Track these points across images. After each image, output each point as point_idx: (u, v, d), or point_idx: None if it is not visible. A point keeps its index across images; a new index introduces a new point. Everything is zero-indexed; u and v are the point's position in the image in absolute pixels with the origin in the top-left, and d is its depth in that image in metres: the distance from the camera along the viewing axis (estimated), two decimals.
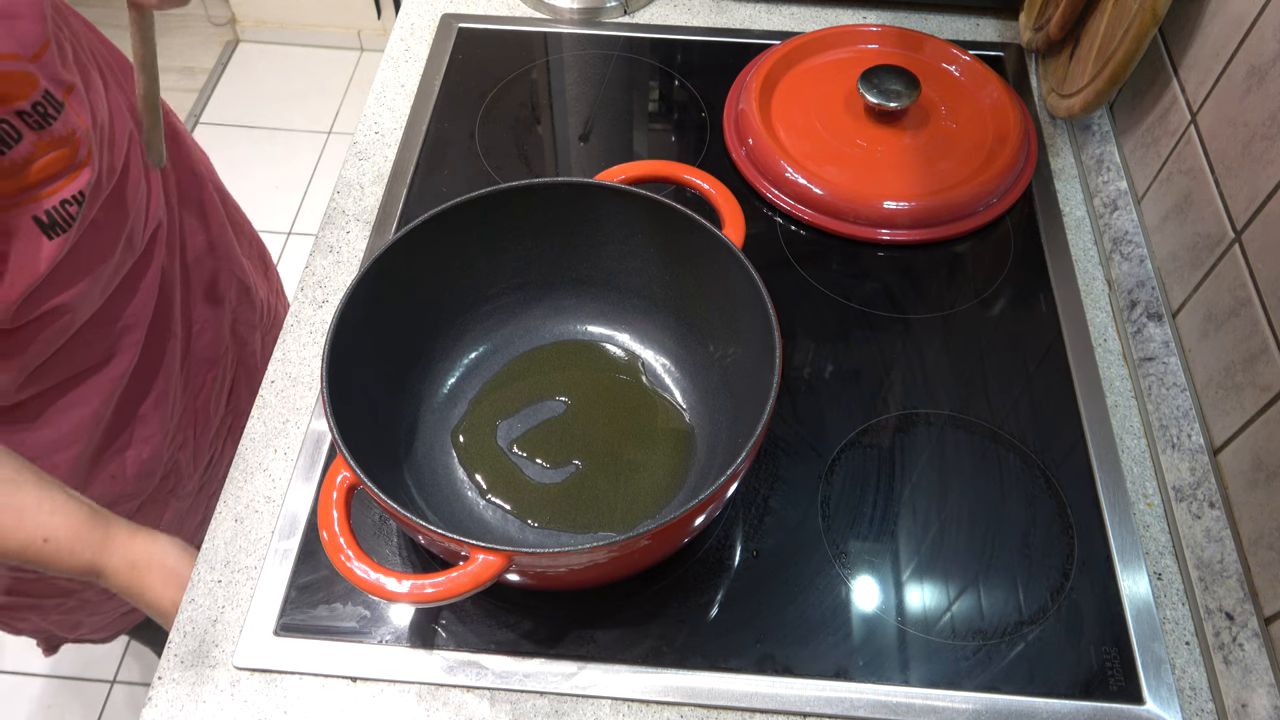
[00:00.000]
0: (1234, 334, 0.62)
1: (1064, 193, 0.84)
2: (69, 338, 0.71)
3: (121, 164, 0.73)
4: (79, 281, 0.69)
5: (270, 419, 0.69)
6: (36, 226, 0.63)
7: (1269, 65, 0.61)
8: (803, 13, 0.98)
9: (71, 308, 0.69)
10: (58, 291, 0.67)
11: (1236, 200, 0.63)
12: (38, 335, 0.68)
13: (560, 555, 0.49)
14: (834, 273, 0.78)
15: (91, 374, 0.75)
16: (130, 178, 0.74)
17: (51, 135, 0.62)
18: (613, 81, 0.92)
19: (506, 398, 0.68)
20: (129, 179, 0.74)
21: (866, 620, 0.60)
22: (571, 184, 0.64)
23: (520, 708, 0.57)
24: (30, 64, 0.59)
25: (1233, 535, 0.60)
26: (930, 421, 0.69)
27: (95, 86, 0.70)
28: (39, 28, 0.60)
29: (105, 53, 0.75)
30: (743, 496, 0.65)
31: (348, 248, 0.79)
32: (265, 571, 0.61)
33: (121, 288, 0.75)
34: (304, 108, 2.24)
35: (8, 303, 0.63)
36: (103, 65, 0.73)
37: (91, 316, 0.72)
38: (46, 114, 0.61)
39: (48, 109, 0.61)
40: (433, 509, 0.61)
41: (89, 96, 0.67)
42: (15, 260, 0.62)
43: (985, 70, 0.88)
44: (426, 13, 0.98)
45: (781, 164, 0.81)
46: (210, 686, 0.58)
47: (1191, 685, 0.59)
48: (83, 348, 0.73)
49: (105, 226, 0.71)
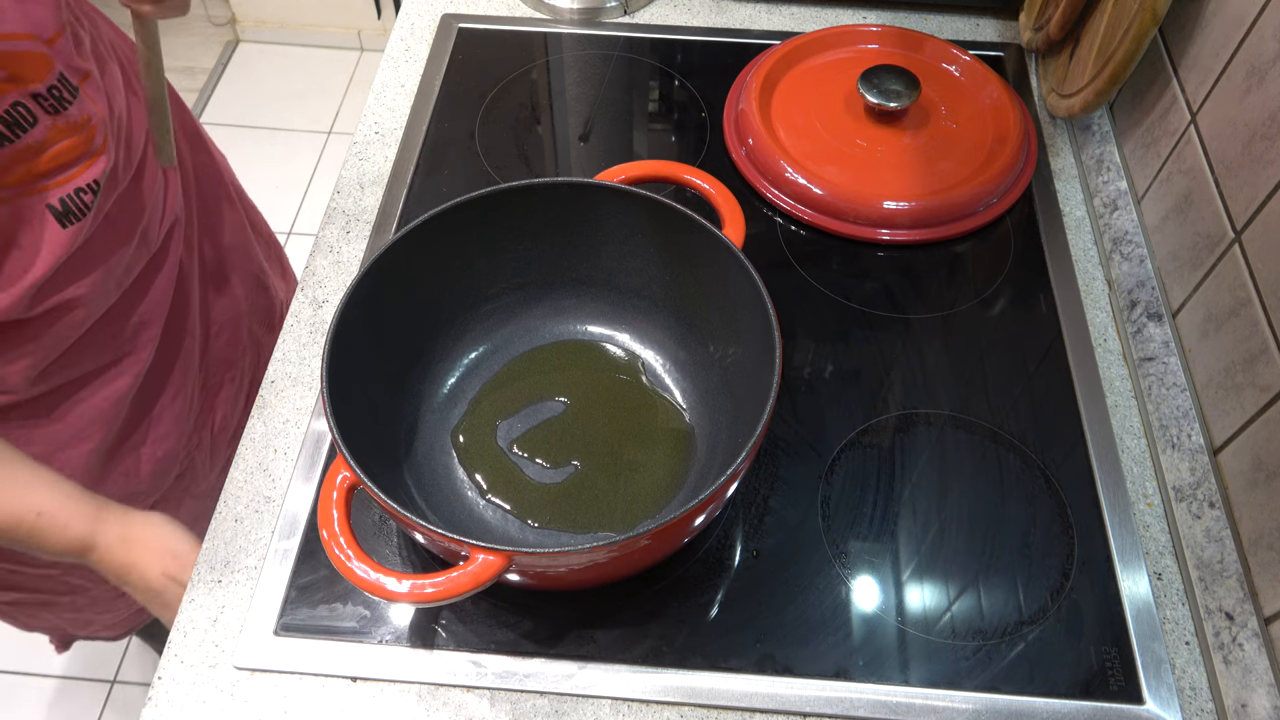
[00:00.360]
0: (1234, 334, 0.62)
1: (1064, 193, 0.84)
2: (83, 333, 0.71)
3: (139, 158, 0.73)
4: (92, 274, 0.69)
5: (270, 419, 0.69)
6: (50, 214, 0.63)
7: (1269, 65, 0.61)
8: (803, 13, 0.98)
9: (84, 300, 0.69)
10: (70, 282, 0.67)
11: (1236, 200, 0.63)
12: (50, 327, 0.68)
13: (560, 555, 0.49)
14: (834, 273, 0.78)
15: (107, 370, 0.75)
16: (148, 172, 0.74)
17: (66, 120, 0.62)
18: (613, 81, 0.92)
19: (506, 398, 0.68)
20: (146, 173, 0.74)
21: (866, 620, 0.60)
22: (571, 184, 0.64)
23: (520, 708, 0.57)
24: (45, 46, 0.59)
25: (1233, 535, 0.60)
26: (930, 421, 0.69)
27: (114, 78, 0.70)
28: (54, 15, 0.60)
29: (126, 48, 0.75)
30: (743, 496, 0.65)
31: (348, 248, 0.79)
32: (265, 571, 0.61)
33: (137, 283, 0.75)
34: (304, 108, 2.24)
35: (22, 291, 0.63)
36: (123, 60, 0.74)
37: (106, 312, 0.73)
38: (61, 98, 0.61)
39: (63, 93, 0.61)
40: (433, 509, 0.61)
41: (106, 86, 0.68)
42: (28, 248, 0.62)
43: (985, 70, 0.88)
44: (426, 13, 0.98)
45: (781, 164, 0.81)
46: (210, 686, 0.58)
47: (1191, 685, 0.59)
48: (97, 343, 0.73)
49: (120, 220, 0.71)
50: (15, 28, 0.58)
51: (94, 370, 0.74)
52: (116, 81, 0.70)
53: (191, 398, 0.85)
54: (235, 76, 2.32)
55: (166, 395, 0.82)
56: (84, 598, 0.89)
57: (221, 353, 0.89)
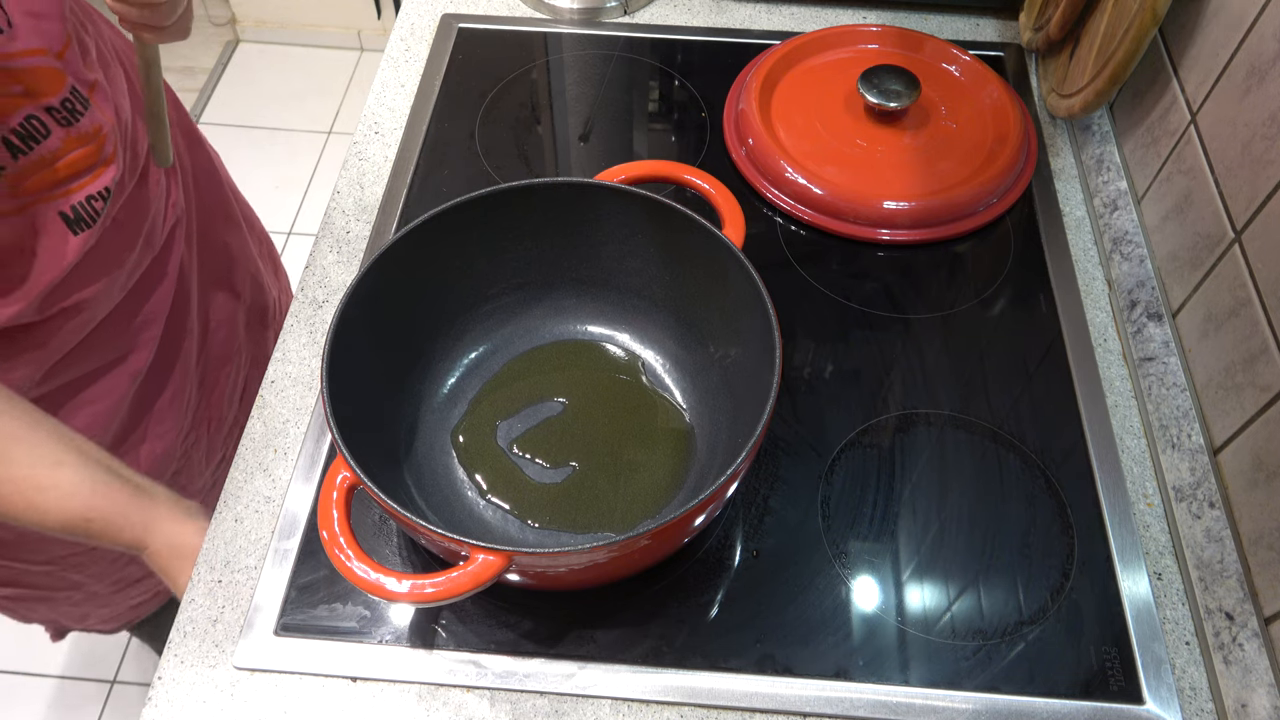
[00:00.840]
0: (1234, 334, 0.62)
1: (1064, 193, 0.84)
2: (88, 333, 0.72)
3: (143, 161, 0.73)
4: (100, 278, 0.69)
5: (270, 419, 0.69)
6: (63, 222, 0.64)
7: (1269, 65, 0.61)
8: (803, 13, 0.98)
9: (91, 303, 0.69)
10: (80, 287, 0.68)
11: (1236, 200, 0.63)
12: (58, 330, 0.68)
13: (560, 555, 0.49)
14: (834, 273, 0.78)
15: (109, 369, 0.75)
16: (151, 175, 0.75)
17: (79, 131, 0.63)
18: (613, 81, 0.92)
19: (506, 398, 0.68)
20: (149, 176, 0.74)
21: (866, 620, 0.60)
22: (571, 184, 0.64)
23: (520, 708, 0.57)
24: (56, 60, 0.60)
25: (1233, 535, 0.60)
26: (930, 421, 0.69)
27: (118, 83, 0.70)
28: (60, 26, 0.61)
29: (129, 51, 0.76)
30: (743, 496, 0.65)
31: (348, 248, 0.79)
32: (265, 571, 0.61)
33: (140, 284, 0.76)
34: (304, 108, 2.24)
35: (32, 297, 0.63)
36: (126, 63, 0.74)
37: (110, 313, 0.73)
38: (74, 110, 0.62)
39: (75, 105, 0.62)
40: (433, 509, 0.61)
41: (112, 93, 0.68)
42: (42, 255, 0.63)
43: (985, 70, 0.88)
44: (426, 13, 0.98)
45: (781, 164, 0.81)
46: (210, 686, 0.58)
47: (1191, 685, 0.59)
48: (101, 343, 0.73)
49: (126, 223, 0.72)
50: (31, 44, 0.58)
51: (97, 370, 0.74)
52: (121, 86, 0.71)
53: (190, 395, 0.85)
54: (235, 76, 2.32)
55: (166, 393, 0.82)
56: (81, 593, 0.90)
57: (218, 349, 0.89)
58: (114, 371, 0.76)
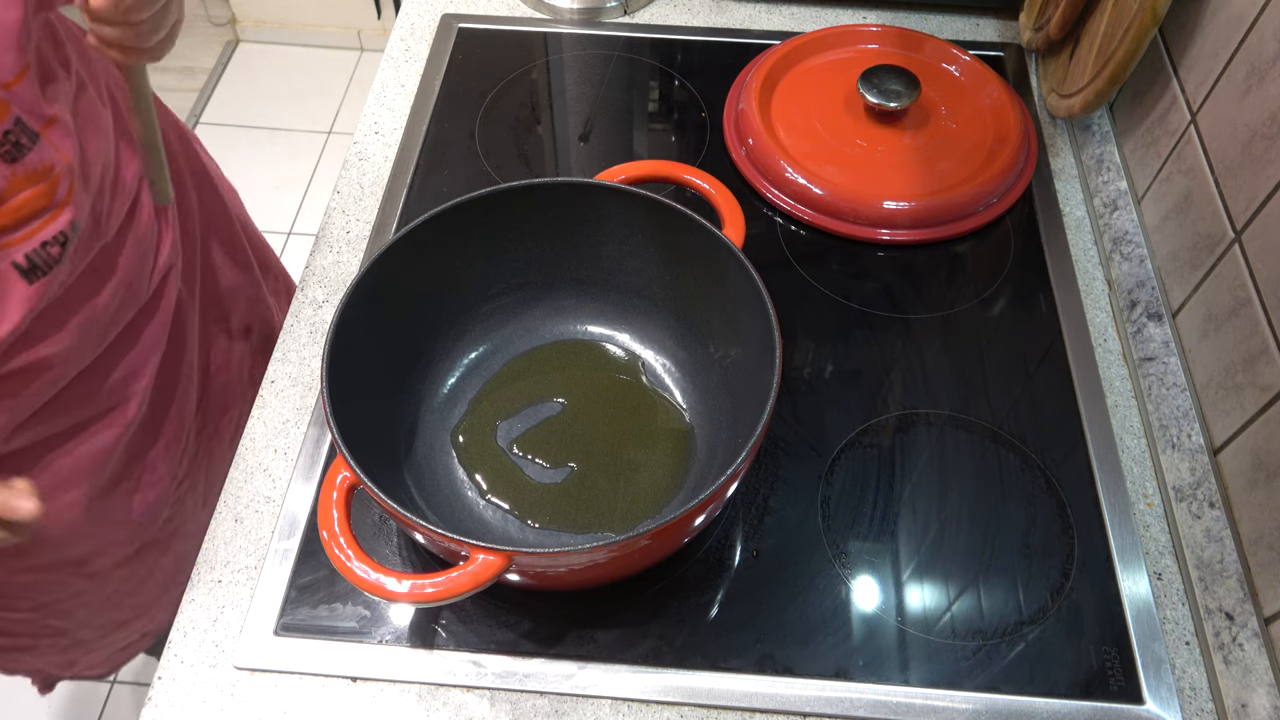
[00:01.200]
0: (1234, 334, 0.62)
1: (1064, 193, 0.84)
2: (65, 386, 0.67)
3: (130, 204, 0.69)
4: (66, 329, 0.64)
5: (270, 419, 0.69)
6: (15, 271, 0.59)
7: (1269, 65, 0.61)
8: (803, 13, 0.98)
9: (58, 359, 0.64)
10: (41, 339, 0.63)
11: (1236, 200, 0.63)
12: (24, 387, 0.64)
13: (560, 555, 0.49)
14: (834, 273, 0.78)
15: (90, 424, 0.71)
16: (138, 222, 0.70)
17: (27, 168, 0.58)
18: (613, 81, 0.92)
19: (506, 398, 0.68)
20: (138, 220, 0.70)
21: (866, 620, 0.60)
22: (571, 184, 0.64)
23: (520, 708, 0.57)
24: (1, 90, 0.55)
25: (1233, 535, 0.60)
26: (930, 421, 0.69)
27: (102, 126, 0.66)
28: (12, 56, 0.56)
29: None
30: (743, 496, 0.65)
31: (348, 247, 0.79)
32: (265, 571, 0.61)
33: (124, 335, 0.72)
34: (304, 108, 2.24)
35: None
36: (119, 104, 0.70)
37: (89, 366, 0.69)
38: (19, 143, 0.57)
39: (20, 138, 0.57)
40: (433, 509, 0.61)
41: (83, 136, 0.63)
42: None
43: (985, 70, 0.88)
44: (426, 13, 0.98)
45: (781, 164, 0.81)
46: (210, 686, 0.58)
47: (1191, 685, 0.59)
48: (76, 400, 0.69)
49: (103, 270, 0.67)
50: None
51: (75, 425, 0.70)
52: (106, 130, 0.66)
53: (186, 442, 0.82)
54: (235, 76, 2.32)
55: (160, 443, 0.78)
56: (66, 639, 0.86)
57: (220, 395, 0.86)
58: (97, 425, 0.71)
